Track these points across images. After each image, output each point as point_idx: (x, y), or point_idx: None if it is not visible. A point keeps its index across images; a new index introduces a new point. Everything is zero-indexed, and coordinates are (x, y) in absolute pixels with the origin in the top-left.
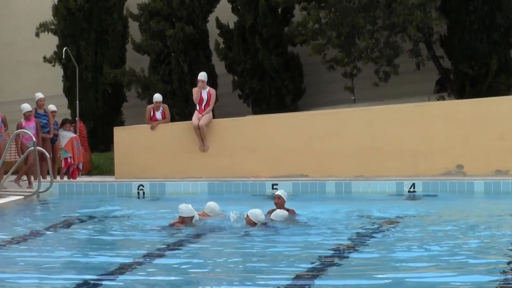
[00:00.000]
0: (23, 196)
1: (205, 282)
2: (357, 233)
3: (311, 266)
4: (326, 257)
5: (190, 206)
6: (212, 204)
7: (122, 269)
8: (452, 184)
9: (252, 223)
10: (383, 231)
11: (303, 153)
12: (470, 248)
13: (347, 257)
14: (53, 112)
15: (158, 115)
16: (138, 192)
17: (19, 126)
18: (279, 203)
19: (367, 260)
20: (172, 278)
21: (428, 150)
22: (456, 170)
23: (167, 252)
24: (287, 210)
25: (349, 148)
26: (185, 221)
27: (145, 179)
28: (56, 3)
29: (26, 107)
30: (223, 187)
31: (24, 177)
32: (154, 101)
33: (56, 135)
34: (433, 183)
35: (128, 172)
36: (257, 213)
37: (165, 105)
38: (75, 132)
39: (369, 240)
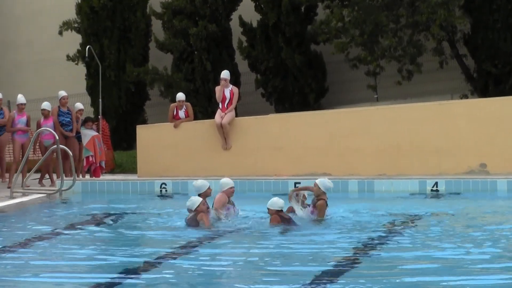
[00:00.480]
0: (45, 194)
1: (224, 282)
2: (378, 233)
3: (329, 267)
4: (345, 257)
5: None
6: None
7: (144, 268)
8: (475, 183)
9: (277, 220)
10: (405, 230)
11: (326, 152)
12: (494, 249)
13: (368, 257)
14: (80, 110)
15: (181, 113)
16: (161, 190)
17: (38, 125)
18: (315, 190)
19: (386, 260)
20: (191, 278)
21: (451, 149)
22: (479, 169)
23: (186, 251)
24: (317, 201)
25: (372, 147)
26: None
27: (168, 178)
28: (79, 1)
29: (44, 105)
30: (245, 185)
31: (47, 176)
32: (177, 100)
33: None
34: (456, 181)
35: (150, 170)
36: (275, 200)
37: (188, 104)
38: (97, 130)
39: (390, 240)
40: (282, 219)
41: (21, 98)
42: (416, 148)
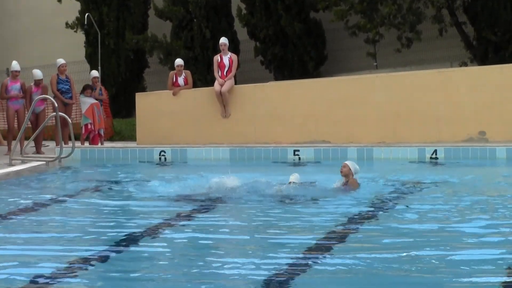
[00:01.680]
0: (45, 162)
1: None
2: (374, 201)
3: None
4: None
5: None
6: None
7: (141, 237)
8: (475, 151)
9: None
10: (402, 199)
11: (325, 120)
12: (492, 218)
13: (361, 228)
14: (95, 77)
15: (180, 80)
16: (160, 158)
17: (4, 85)
18: (344, 171)
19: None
20: (187, 247)
21: (451, 117)
22: (478, 137)
23: (184, 220)
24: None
25: (372, 115)
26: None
27: (167, 145)
28: None
29: (15, 66)
30: (244, 153)
31: (46, 143)
32: (175, 65)
33: (101, 100)
34: (455, 149)
35: (150, 138)
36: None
37: (188, 71)
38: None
39: (386, 209)
40: None
41: (15, 65)
42: (416, 116)
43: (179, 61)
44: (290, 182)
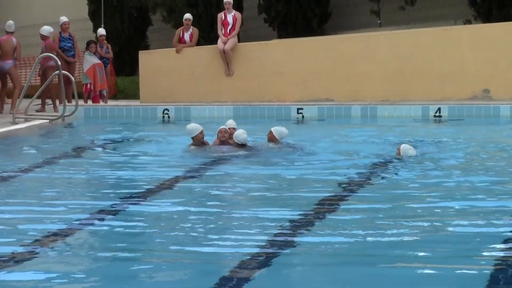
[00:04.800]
0: (48, 120)
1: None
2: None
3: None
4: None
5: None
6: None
7: (144, 194)
8: (478, 109)
9: (275, 140)
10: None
11: (329, 77)
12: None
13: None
14: (102, 35)
15: (187, 37)
16: (163, 116)
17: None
18: (269, 137)
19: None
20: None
21: (455, 74)
22: (482, 95)
23: (187, 177)
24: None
25: (376, 72)
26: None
27: (170, 103)
28: None
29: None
30: (248, 111)
31: (49, 101)
32: (184, 19)
33: (107, 58)
34: (459, 107)
35: (153, 96)
36: (281, 130)
37: (195, 29)
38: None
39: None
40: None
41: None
42: (420, 73)
43: (187, 15)
44: (229, 128)
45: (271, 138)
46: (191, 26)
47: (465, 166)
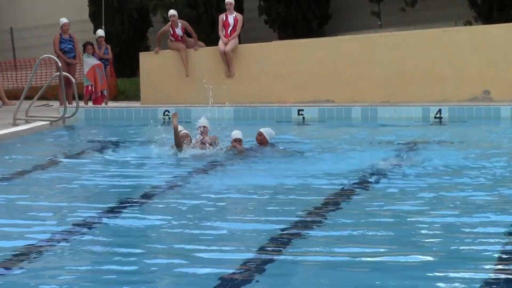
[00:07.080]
0: (49, 122)
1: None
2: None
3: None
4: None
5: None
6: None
7: (143, 195)
8: (479, 110)
9: (265, 142)
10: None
11: (329, 79)
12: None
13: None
14: (100, 37)
15: (178, 31)
16: (164, 118)
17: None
18: (259, 139)
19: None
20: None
21: (455, 76)
22: (483, 96)
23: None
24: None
25: (376, 74)
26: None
27: (171, 105)
28: None
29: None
30: (248, 112)
31: (50, 103)
32: (169, 15)
33: (106, 59)
34: (459, 108)
35: (153, 97)
36: (271, 131)
37: (185, 22)
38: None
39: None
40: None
41: None
42: (420, 75)
43: (172, 11)
44: (200, 127)
45: (262, 140)
46: (179, 20)
47: (465, 166)
